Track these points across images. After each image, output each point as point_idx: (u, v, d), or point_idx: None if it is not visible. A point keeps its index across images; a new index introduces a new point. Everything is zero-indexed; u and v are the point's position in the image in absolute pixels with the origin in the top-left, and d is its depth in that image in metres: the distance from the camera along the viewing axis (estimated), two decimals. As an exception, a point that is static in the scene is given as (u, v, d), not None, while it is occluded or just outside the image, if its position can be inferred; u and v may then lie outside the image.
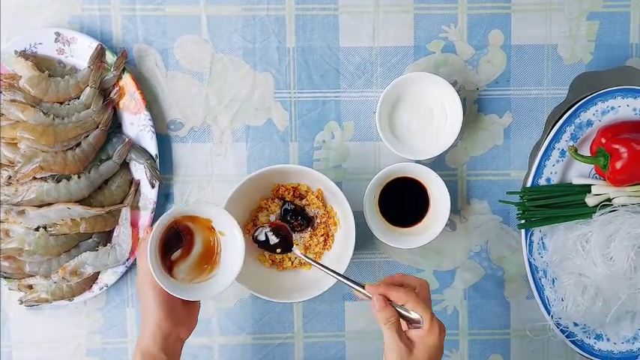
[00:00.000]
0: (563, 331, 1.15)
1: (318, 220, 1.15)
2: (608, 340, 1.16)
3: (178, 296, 0.99)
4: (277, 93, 1.17)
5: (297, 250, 1.07)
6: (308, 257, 1.05)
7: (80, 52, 1.13)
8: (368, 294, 0.96)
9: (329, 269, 1.02)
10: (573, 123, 1.12)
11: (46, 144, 1.09)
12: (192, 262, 1.05)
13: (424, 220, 1.16)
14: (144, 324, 0.99)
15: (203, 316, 1.18)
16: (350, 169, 1.18)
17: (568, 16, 1.17)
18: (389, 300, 0.95)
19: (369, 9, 1.16)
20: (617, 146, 1.09)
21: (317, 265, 1.02)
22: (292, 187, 1.15)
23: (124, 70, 1.13)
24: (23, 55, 1.11)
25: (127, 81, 1.14)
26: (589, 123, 1.13)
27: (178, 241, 1.04)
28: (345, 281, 0.99)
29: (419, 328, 0.94)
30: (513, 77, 1.17)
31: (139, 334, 1.01)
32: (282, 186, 1.15)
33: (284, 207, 1.14)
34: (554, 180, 1.15)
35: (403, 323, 0.96)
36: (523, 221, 1.15)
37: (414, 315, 0.94)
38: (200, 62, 1.16)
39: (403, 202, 1.16)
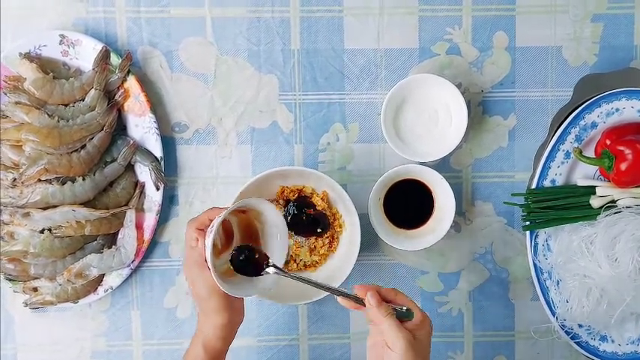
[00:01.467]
0: (567, 333, 1.15)
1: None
2: (612, 341, 1.16)
3: (239, 296, 1.00)
4: (282, 95, 1.17)
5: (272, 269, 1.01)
6: (283, 271, 1.01)
7: (85, 55, 1.13)
8: (357, 296, 0.95)
9: (311, 282, 0.98)
10: (578, 125, 1.12)
11: (51, 146, 1.09)
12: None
13: (429, 222, 1.16)
14: (206, 321, 1.00)
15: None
16: (355, 171, 1.18)
17: (572, 17, 1.17)
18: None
19: (373, 11, 1.16)
20: (621, 148, 1.09)
21: (300, 279, 0.99)
22: (297, 189, 1.15)
23: (128, 72, 1.13)
24: (28, 57, 1.11)
25: (132, 83, 1.13)
26: (593, 125, 1.13)
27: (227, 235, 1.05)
28: (335, 293, 0.96)
29: (409, 322, 0.95)
30: (518, 79, 1.17)
31: (198, 324, 1.01)
32: (287, 188, 1.15)
33: (287, 207, 1.15)
34: (559, 182, 1.15)
35: None
36: (528, 223, 1.15)
37: (405, 309, 0.95)
38: (205, 64, 1.16)
39: (408, 204, 1.16)
